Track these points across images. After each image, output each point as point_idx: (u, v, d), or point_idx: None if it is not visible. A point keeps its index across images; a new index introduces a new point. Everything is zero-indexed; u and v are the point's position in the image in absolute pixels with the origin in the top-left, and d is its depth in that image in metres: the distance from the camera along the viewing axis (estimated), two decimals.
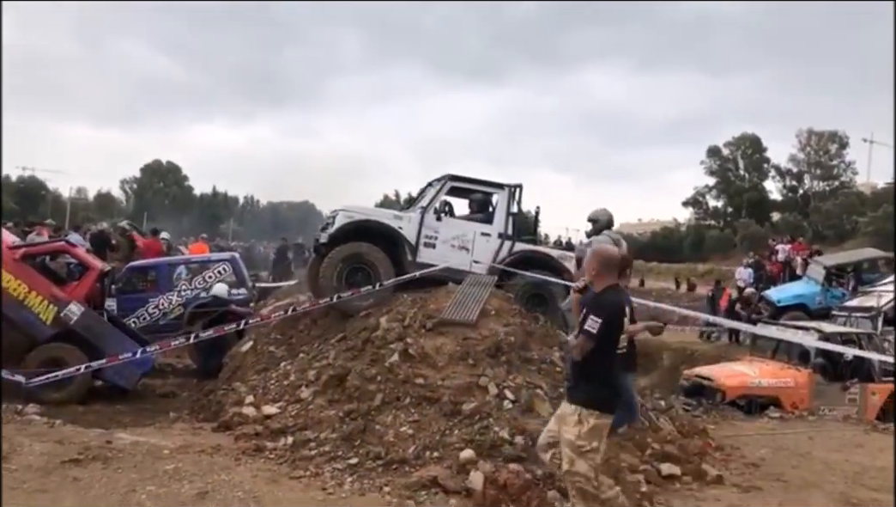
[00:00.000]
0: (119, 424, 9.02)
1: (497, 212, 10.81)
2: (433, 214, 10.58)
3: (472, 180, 11.05)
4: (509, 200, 10.73)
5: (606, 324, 4.63)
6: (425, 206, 10.66)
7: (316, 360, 8.68)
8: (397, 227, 10.49)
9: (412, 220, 10.55)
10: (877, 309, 15.63)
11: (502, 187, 10.84)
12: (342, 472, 6.39)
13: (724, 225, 60.76)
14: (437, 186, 10.86)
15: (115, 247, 18.29)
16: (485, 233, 10.64)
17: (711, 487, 6.77)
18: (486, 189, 11.04)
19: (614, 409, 4.77)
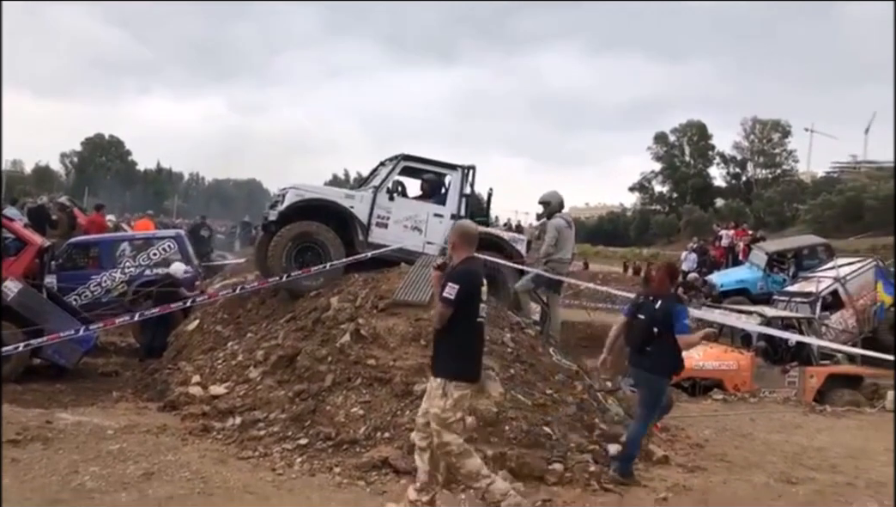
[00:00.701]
0: (59, 403, 8.78)
1: (450, 193, 10.75)
2: (385, 193, 10.47)
3: (426, 161, 10.97)
4: (462, 181, 10.69)
5: (463, 291, 4.74)
6: (378, 185, 10.54)
7: (264, 340, 8.56)
8: (349, 206, 10.36)
9: (364, 199, 10.43)
10: (815, 294, 16.06)
11: (455, 168, 10.79)
12: (292, 452, 6.33)
13: (669, 210, 61.87)
14: (390, 165, 10.75)
15: (55, 223, 17.77)
16: (437, 214, 10.57)
17: (658, 467, 6.88)
18: (439, 170, 10.96)
19: (477, 378, 4.81)
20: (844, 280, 16.42)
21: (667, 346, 6.22)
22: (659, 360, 6.27)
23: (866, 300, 16.49)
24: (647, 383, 6.40)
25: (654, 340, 6.21)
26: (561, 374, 8.06)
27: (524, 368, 7.72)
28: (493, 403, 6.82)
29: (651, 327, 6.23)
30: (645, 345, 6.26)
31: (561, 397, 7.50)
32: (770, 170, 61.31)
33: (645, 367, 6.32)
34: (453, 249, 5.06)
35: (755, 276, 19.88)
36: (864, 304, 16.45)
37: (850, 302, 16.23)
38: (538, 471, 6.14)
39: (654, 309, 6.28)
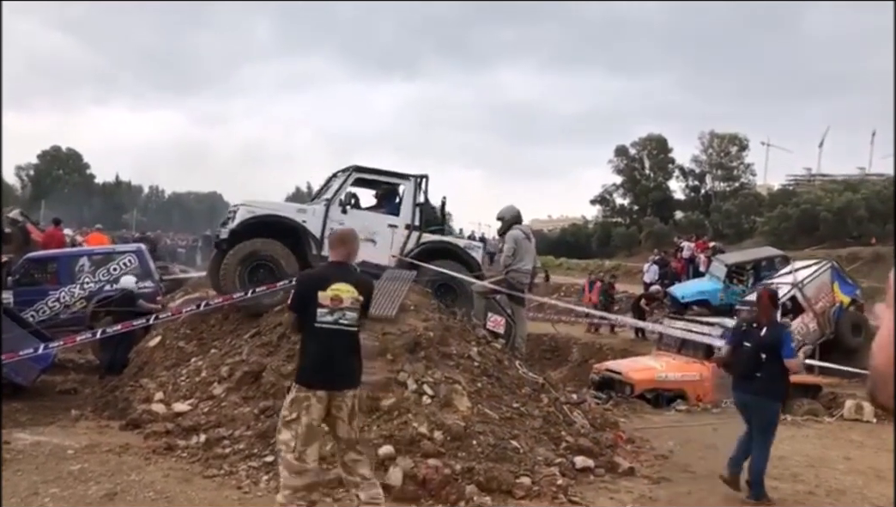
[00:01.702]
0: (17, 423, 8.58)
1: (403, 203, 10.72)
2: (338, 206, 10.41)
3: (378, 172, 10.95)
4: (415, 190, 10.68)
5: (295, 294, 4.87)
6: (330, 198, 10.47)
7: (229, 356, 8.48)
8: (301, 221, 10.28)
9: (317, 213, 10.35)
10: None
11: (408, 178, 10.78)
12: (258, 470, 6.28)
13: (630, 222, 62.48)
14: (342, 177, 10.69)
15: (8, 237, 17.38)
16: (392, 225, 10.55)
17: (624, 478, 6.94)
18: (391, 180, 10.95)
19: (316, 383, 4.68)
20: (802, 285, 16.56)
21: (776, 371, 6.44)
22: (770, 385, 6.46)
23: (825, 303, 16.64)
24: (760, 407, 6.54)
25: (763, 365, 6.35)
26: (527, 387, 8.11)
27: (491, 381, 7.75)
28: (460, 417, 6.83)
29: (759, 353, 6.39)
30: (754, 371, 6.41)
31: (528, 410, 7.55)
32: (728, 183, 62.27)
33: (756, 392, 6.47)
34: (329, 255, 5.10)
35: (716, 287, 20.15)
36: (822, 306, 16.60)
37: (809, 306, 16.40)
38: (506, 485, 6.15)
39: (761, 335, 6.41)
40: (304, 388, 4.66)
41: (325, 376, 4.70)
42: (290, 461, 4.60)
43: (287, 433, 4.64)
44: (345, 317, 4.74)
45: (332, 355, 4.72)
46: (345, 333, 4.78)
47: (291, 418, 4.63)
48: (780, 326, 6.72)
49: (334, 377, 4.73)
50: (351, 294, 4.76)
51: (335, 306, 4.69)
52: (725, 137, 62.29)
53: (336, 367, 4.75)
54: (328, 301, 4.68)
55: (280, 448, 4.72)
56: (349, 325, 4.79)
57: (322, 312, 4.67)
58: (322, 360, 4.70)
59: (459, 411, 6.97)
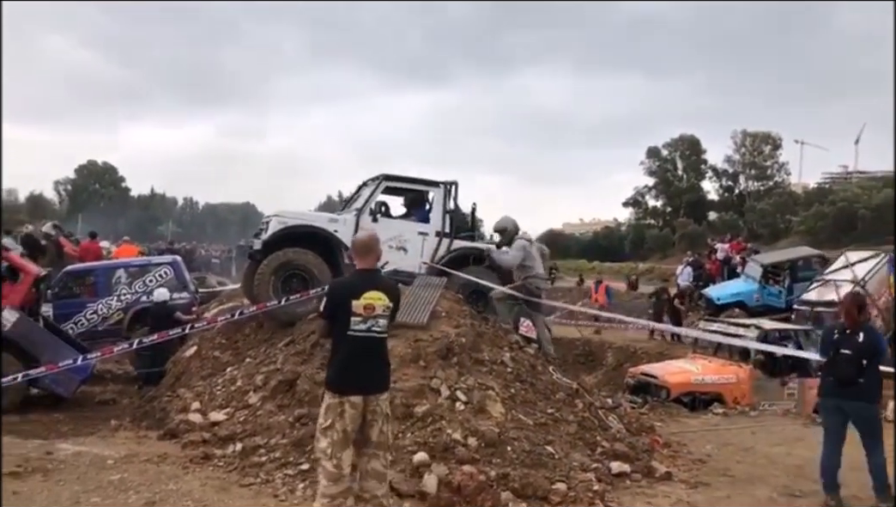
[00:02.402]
0: (58, 433, 8.76)
1: (433, 210, 10.73)
2: (369, 215, 10.42)
3: (407, 179, 10.97)
4: (445, 197, 10.67)
5: (328, 303, 4.82)
6: (360, 207, 10.48)
7: (263, 364, 8.54)
8: (332, 230, 10.30)
9: (347, 222, 10.35)
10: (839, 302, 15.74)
11: (437, 185, 10.77)
12: (294, 478, 6.29)
13: (664, 224, 62.02)
14: (372, 186, 10.70)
15: (43, 250, 17.70)
16: (422, 232, 10.54)
17: (661, 483, 6.86)
18: (421, 187, 10.95)
19: (349, 389, 4.69)
20: (864, 281, 16.10)
21: (875, 374, 6.39)
22: (872, 389, 6.42)
23: (887, 297, 16.26)
24: (865, 412, 6.45)
25: (864, 370, 6.30)
26: (561, 392, 8.05)
27: (524, 387, 7.71)
28: (494, 423, 6.81)
29: (860, 358, 6.31)
30: (858, 377, 6.33)
31: (562, 415, 7.50)
32: (762, 182, 61.61)
33: (860, 397, 6.39)
34: (355, 261, 5.08)
35: (751, 288, 19.91)
36: (886, 301, 16.21)
37: (873, 302, 15.66)
38: (542, 491, 6.10)
39: (860, 342, 6.36)
40: (338, 394, 4.68)
41: (359, 381, 4.73)
42: (329, 469, 4.61)
43: (324, 441, 4.66)
44: (377, 324, 4.78)
45: (364, 361, 4.76)
46: (377, 340, 4.82)
47: (327, 425, 4.65)
48: (875, 330, 6.62)
49: (368, 383, 4.76)
50: (383, 302, 4.79)
51: (368, 315, 4.72)
52: (758, 135, 61.61)
53: (369, 373, 4.79)
54: (362, 310, 4.71)
55: (318, 456, 4.73)
56: (381, 332, 4.83)
57: (356, 320, 4.70)
58: (355, 367, 4.73)
59: (493, 417, 6.95)
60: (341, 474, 4.62)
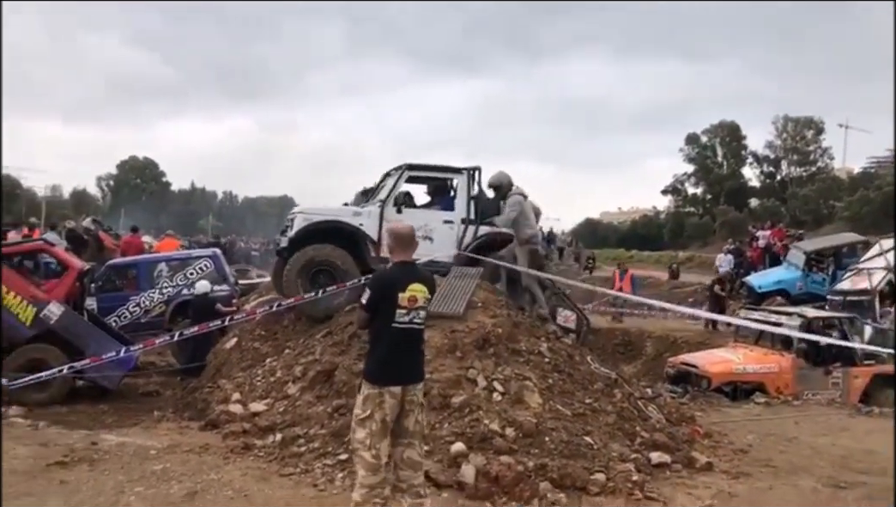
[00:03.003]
0: (103, 424, 8.93)
1: (458, 197, 10.61)
2: (393, 206, 10.37)
3: (430, 167, 10.88)
4: (469, 183, 10.55)
5: (373, 296, 4.78)
6: (384, 198, 10.43)
7: (302, 356, 8.62)
8: (357, 224, 10.29)
9: (372, 215, 10.33)
10: (871, 291, 15.50)
11: (460, 172, 10.65)
12: (333, 468, 6.33)
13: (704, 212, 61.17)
14: (395, 176, 10.63)
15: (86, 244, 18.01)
16: (447, 221, 10.46)
17: (701, 474, 6.78)
18: (444, 175, 10.86)
19: (389, 380, 4.71)
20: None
21: None
22: None
23: None
24: None
25: None
26: (600, 382, 7.99)
27: (562, 377, 7.67)
28: (532, 414, 6.79)
29: None
30: None
31: (601, 405, 7.45)
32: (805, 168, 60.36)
33: None
34: (391, 253, 5.05)
35: (794, 276, 19.52)
36: None
37: None
38: (580, 481, 6.07)
39: None
40: (377, 385, 4.70)
41: (399, 372, 4.76)
42: (368, 460, 4.63)
43: (362, 432, 4.68)
44: (418, 316, 4.82)
45: (405, 352, 4.80)
46: (417, 331, 4.87)
47: (365, 416, 4.67)
48: None
49: (407, 373, 4.80)
50: (424, 294, 4.83)
51: (411, 306, 4.75)
52: (800, 120, 60.38)
53: (409, 363, 4.82)
54: (406, 302, 4.73)
55: (356, 447, 4.75)
56: (420, 323, 4.87)
57: (400, 312, 4.72)
58: (396, 357, 4.76)
59: (531, 407, 6.92)
60: (380, 464, 4.63)
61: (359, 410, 4.73)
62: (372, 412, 4.65)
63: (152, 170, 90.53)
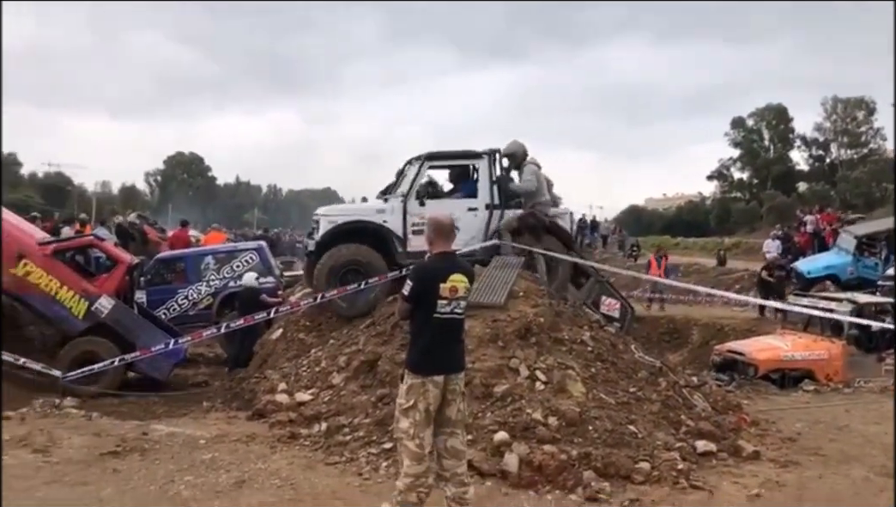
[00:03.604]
0: (154, 415, 9.14)
1: (480, 182, 10.53)
2: (415, 199, 10.35)
3: (449, 155, 10.82)
4: (490, 167, 10.48)
5: (414, 287, 4.79)
6: (406, 192, 10.40)
7: (346, 346, 8.71)
8: (381, 221, 10.32)
9: (395, 210, 10.33)
10: None
11: (480, 156, 10.57)
12: (377, 457, 6.40)
13: (750, 197, 60.05)
14: (416, 166, 10.59)
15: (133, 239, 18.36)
16: (471, 208, 10.41)
17: (748, 463, 6.69)
18: (463, 161, 10.77)
19: (432, 370, 4.73)
20: None
21: None
22: None
23: None
24: None
25: None
26: (644, 371, 7.93)
27: (605, 366, 7.64)
28: (575, 403, 6.77)
29: None
30: None
31: (645, 394, 7.40)
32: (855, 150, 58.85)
33: None
34: (430, 244, 5.04)
35: (844, 261, 19.07)
36: None
37: None
38: (624, 470, 6.04)
39: None
40: (420, 375, 4.73)
41: (441, 362, 4.79)
42: (412, 449, 4.67)
43: (406, 421, 4.72)
44: (459, 306, 4.84)
45: (447, 342, 4.83)
46: (458, 321, 4.89)
47: (409, 406, 4.71)
48: None
49: (449, 363, 4.83)
50: (464, 284, 4.85)
51: (452, 297, 4.77)
52: (850, 101, 58.82)
53: (450, 353, 4.85)
54: (447, 292, 4.76)
55: (400, 436, 4.79)
56: (461, 313, 4.90)
57: (442, 303, 4.75)
58: (439, 348, 4.79)
59: (574, 396, 6.90)
60: (423, 453, 4.67)
61: (402, 400, 4.77)
62: (415, 402, 4.68)
63: (198, 165, 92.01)
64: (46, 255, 10.93)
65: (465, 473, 4.89)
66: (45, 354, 11.20)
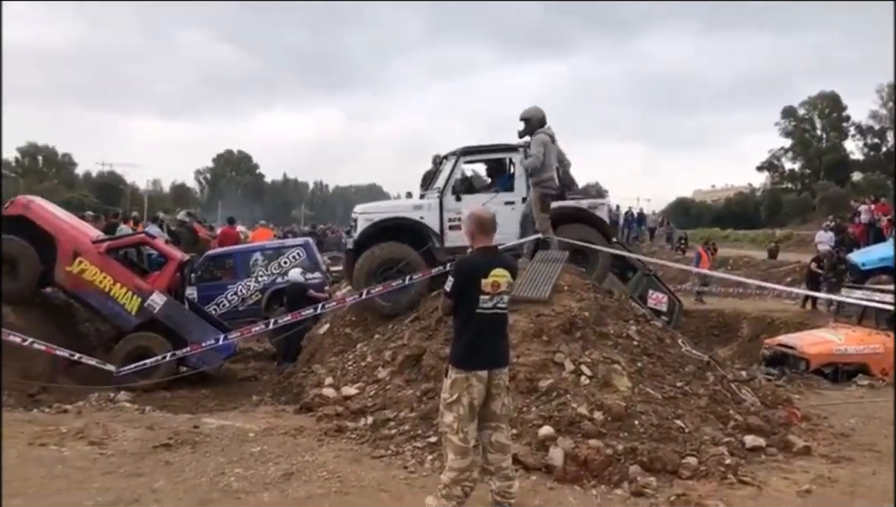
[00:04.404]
0: (204, 408, 9.32)
1: (516, 176, 10.45)
2: (451, 194, 10.33)
3: (484, 149, 10.75)
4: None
5: (457, 282, 4.79)
6: (442, 188, 10.39)
7: (391, 341, 8.78)
8: (418, 217, 10.33)
9: (432, 207, 10.34)
10: None
11: (516, 149, 10.47)
12: (422, 450, 6.44)
13: (802, 188, 58.79)
14: (451, 162, 10.56)
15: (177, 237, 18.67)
16: (508, 202, 10.33)
17: (799, 458, 6.59)
18: (499, 155, 10.70)
19: (476, 365, 4.73)
20: None
21: None
22: None
23: None
24: None
25: None
26: (691, 365, 7.85)
27: (652, 361, 7.57)
28: (620, 397, 6.73)
29: None
30: None
31: (692, 389, 7.32)
32: None
33: None
34: (470, 239, 5.03)
35: None
36: None
37: None
38: (671, 465, 5.99)
39: None
40: (463, 370, 4.76)
41: (485, 356, 4.80)
42: (456, 443, 4.70)
43: (450, 416, 4.75)
44: (502, 301, 4.85)
45: (490, 337, 4.84)
46: (501, 316, 4.90)
47: (453, 400, 4.74)
48: None
49: (493, 357, 4.84)
50: (507, 279, 4.86)
51: (494, 292, 4.78)
52: None
53: (494, 348, 4.86)
54: (489, 287, 4.77)
55: (444, 430, 4.83)
56: (504, 308, 4.90)
57: (484, 298, 4.76)
58: (482, 342, 4.80)
59: (619, 391, 6.86)
60: (468, 447, 4.70)
61: (446, 394, 4.80)
62: (459, 397, 4.71)
63: (246, 163, 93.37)
64: (100, 253, 11.21)
65: (510, 467, 4.90)
66: (101, 349, 11.52)
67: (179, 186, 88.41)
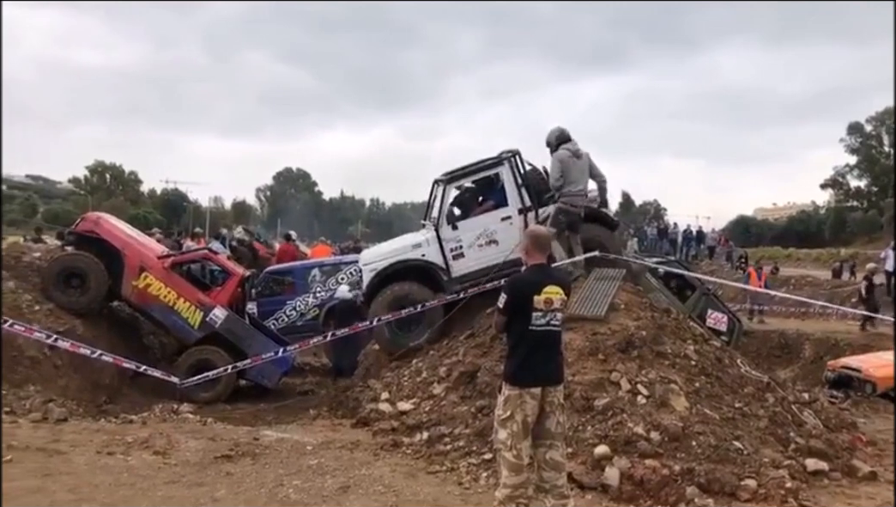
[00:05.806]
0: (264, 421, 9.50)
1: (507, 189, 10.29)
2: (447, 225, 10.29)
3: (465, 171, 10.54)
4: (513, 170, 10.25)
5: (509, 299, 4.81)
6: (437, 220, 10.34)
7: (446, 357, 8.85)
8: (420, 256, 10.33)
9: (430, 241, 10.33)
10: None
11: (501, 162, 10.35)
12: (477, 467, 6.48)
13: (869, 206, 57.11)
14: (439, 192, 10.48)
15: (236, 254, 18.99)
16: (505, 217, 10.22)
17: (864, 483, 6.43)
18: (485, 173, 10.51)
19: (529, 381, 4.74)
20: None
21: None
22: None
23: None
24: None
25: None
26: (750, 386, 7.72)
27: (710, 381, 7.47)
28: (678, 417, 6.66)
29: None
30: None
31: (751, 410, 7.21)
32: None
33: None
34: (524, 256, 5.05)
35: None
36: None
37: None
38: (729, 487, 5.90)
39: None
40: (517, 387, 4.78)
41: (539, 374, 4.82)
42: (510, 460, 4.73)
43: (504, 432, 4.78)
44: (555, 318, 4.86)
45: (544, 354, 4.85)
46: (555, 333, 4.91)
47: (506, 417, 4.77)
48: None
49: (547, 374, 4.85)
50: (560, 296, 4.87)
51: (548, 308, 4.80)
52: None
53: (548, 365, 4.87)
54: (542, 304, 4.79)
55: (499, 447, 4.86)
56: (558, 325, 4.92)
57: (537, 315, 4.79)
58: (536, 360, 4.82)
59: (676, 411, 6.79)
60: (522, 464, 4.72)
61: (500, 411, 4.83)
62: (513, 413, 4.73)
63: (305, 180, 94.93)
64: (165, 268, 11.53)
65: (564, 485, 4.90)
66: (165, 361, 11.84)
67: (240, 203, 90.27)
